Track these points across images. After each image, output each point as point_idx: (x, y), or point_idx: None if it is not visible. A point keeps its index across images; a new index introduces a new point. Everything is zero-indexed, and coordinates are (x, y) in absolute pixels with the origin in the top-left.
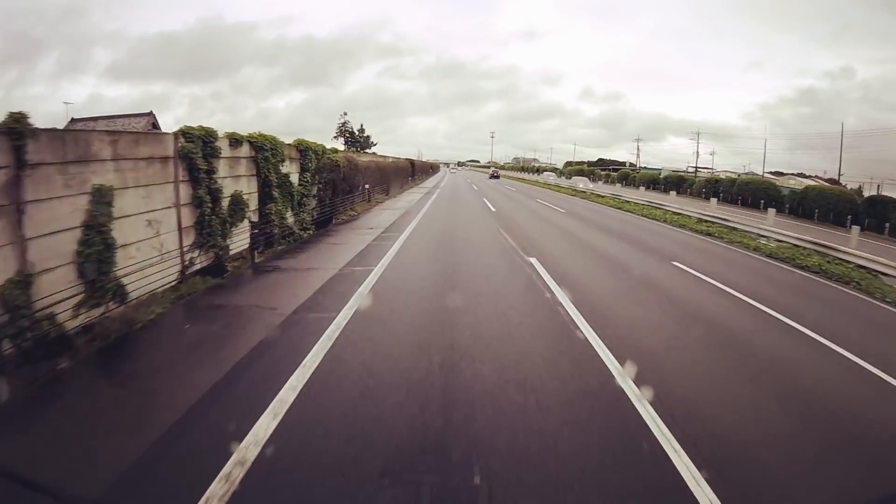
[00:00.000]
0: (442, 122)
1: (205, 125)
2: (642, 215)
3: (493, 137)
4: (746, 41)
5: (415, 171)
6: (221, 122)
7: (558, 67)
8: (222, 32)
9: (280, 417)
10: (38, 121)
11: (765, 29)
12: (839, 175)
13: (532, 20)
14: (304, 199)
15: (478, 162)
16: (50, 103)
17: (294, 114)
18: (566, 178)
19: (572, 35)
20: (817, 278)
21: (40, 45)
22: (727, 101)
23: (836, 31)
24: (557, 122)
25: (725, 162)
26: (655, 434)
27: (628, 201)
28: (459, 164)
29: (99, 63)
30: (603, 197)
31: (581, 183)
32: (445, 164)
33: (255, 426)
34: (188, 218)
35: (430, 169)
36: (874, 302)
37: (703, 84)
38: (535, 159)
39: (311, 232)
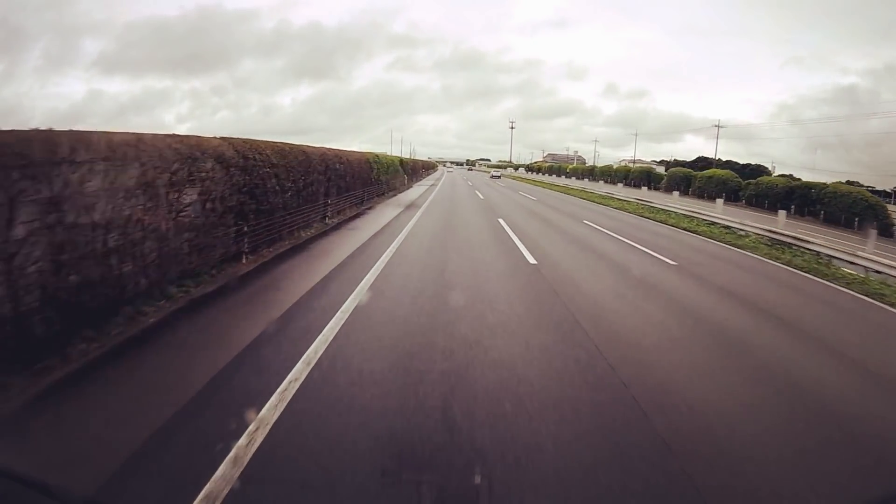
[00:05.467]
0: (453, 121)
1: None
2: None
3: (512, 128)
4: (773, 39)
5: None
6: (225, 121)
7: (580, 62)
8: (223, 19)
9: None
10: (36, 119)
11: (793, 27)
12: None
13: (558, 9)
14: None
15: (489, 161)
16: (52, 101)
17: (299, 111)
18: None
19: (596, 28)
20: None
21: (34, 39)
22: (747, 101)
23: (864, 30)
24: (572, 120)
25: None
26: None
27: None
28: (469, 161)
29: (96, 57)
30: None
31: None
32: (454, 163)
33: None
34: None
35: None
36: None
37: (724, 83)
38: (577, 155)
39: None
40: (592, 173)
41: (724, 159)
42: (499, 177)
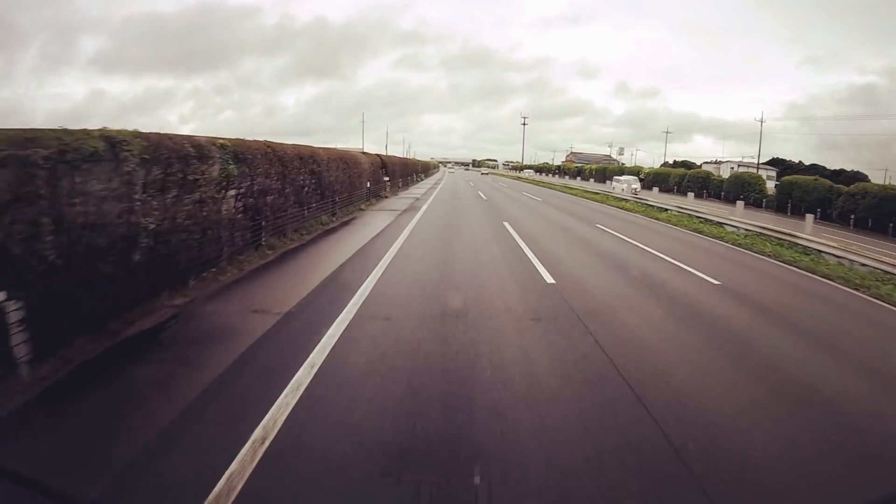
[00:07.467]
0: (460, 121)
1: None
2: None
3: (525, 125)
4: (784, 38)
5: None
6: (229, 121)
7: (591, 60)
8: (223, 15)
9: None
10: (38, 121)
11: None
12: None
13: (571, 4)
14: None
15: (495, 161)
16: (51, 101)
17: (303, 111)
18: None
19: (607, 25)
20: None
21: (30, 37)
22: (756, 101)
23: (880, 29)
24: (580, 120)
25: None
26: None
27: None
28: (475, 162)
29: (94, 55)
30: None
31: None
32: (458, 164)
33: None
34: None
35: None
36: None
37: (734, 82)
38: (618, 156)
39: None
40: (707, 183)
41: (805, 163)
42: (487, 174)
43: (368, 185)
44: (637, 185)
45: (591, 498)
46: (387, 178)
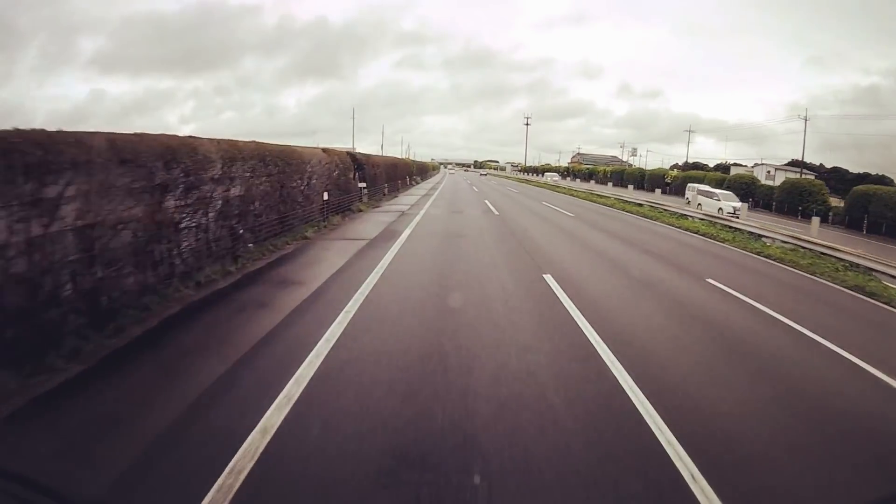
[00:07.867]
0: (461, 122)
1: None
2: None
3: (527, 125)
4: (786, 39)
5: None
6: (230, 122)
7: (594, 60)
8: (223, 14)
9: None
10: (37, 121)
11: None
12: None
13: (574, 4)
14: None
15: (497, 162)
16: (51, 102)
17: (303, 112)
18: None
19: (609, 25)
20: None
21: (29, 38)
22: (758, 101)
23: (883, 30)
24: (582, 121)
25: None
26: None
27: None
28: (476, 163)
29: (94, 55)
30: None
31: None
32: (458, 165)
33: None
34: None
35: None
36: None
37: (735, 83)
38: (627, 159)
39: None
40: (752, 190)
41: (826, 166)
42: (485, 175)
43: (326, 196)
44: (738, 204)
45: None
46: (363, 185)
